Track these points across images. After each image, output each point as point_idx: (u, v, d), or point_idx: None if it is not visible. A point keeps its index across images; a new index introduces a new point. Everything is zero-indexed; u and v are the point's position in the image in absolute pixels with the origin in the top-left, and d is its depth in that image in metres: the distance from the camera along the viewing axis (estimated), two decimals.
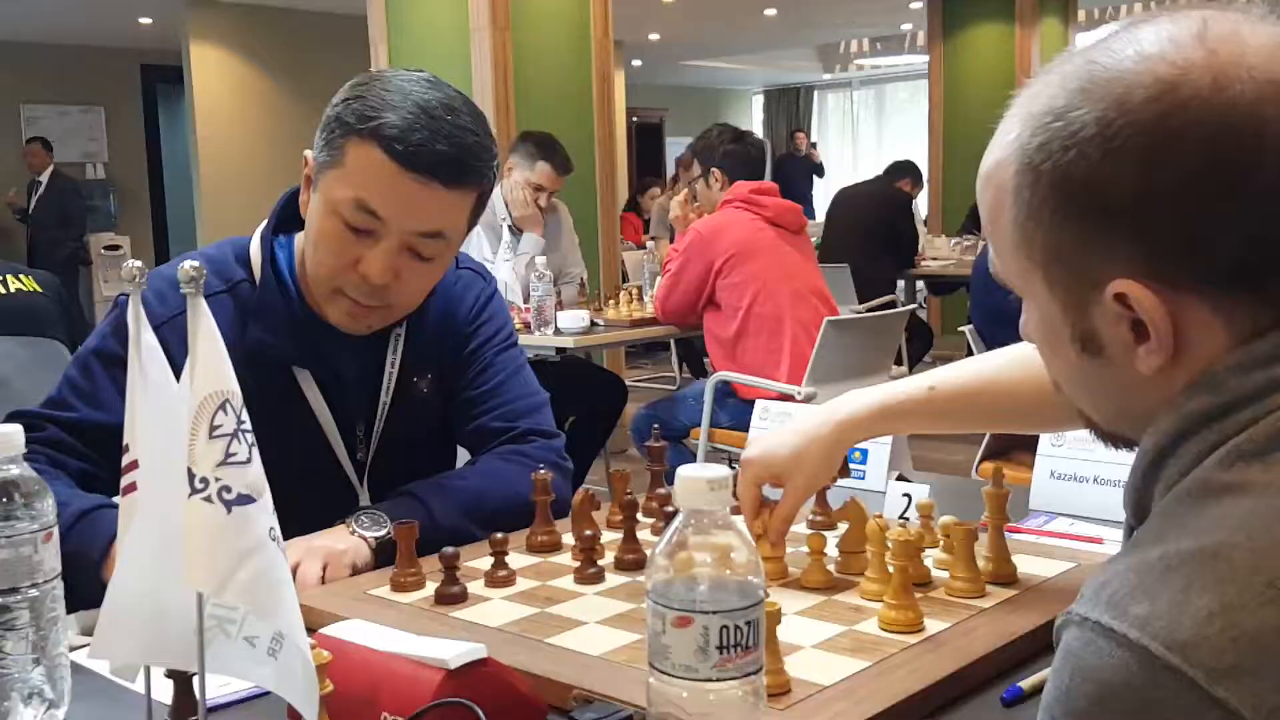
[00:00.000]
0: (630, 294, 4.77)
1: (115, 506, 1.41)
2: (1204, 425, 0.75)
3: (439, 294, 1.69)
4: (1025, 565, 1.35)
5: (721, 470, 0.84)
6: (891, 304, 6.44)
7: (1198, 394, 0.76)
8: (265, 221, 1.67)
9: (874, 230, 6.78)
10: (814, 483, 1.42)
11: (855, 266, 6.38)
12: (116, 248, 11.36)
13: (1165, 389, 0.79)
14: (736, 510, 1.36)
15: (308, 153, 1.58)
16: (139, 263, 0.88)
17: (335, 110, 1.53)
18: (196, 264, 0.83)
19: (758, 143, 4.65)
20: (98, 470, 1.54)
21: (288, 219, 1.66)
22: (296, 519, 1.44)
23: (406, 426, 1.70)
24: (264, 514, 0.85)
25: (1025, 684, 1.09)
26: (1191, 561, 0.67)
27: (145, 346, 0.89)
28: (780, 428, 1.45)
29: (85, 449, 1.54)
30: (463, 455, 1.82)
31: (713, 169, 4.40)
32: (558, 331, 4.25)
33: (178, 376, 1.48)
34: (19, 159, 11.23)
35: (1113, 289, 0.77)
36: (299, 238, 1.65)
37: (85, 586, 1.21)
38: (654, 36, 13.39)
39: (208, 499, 0.82)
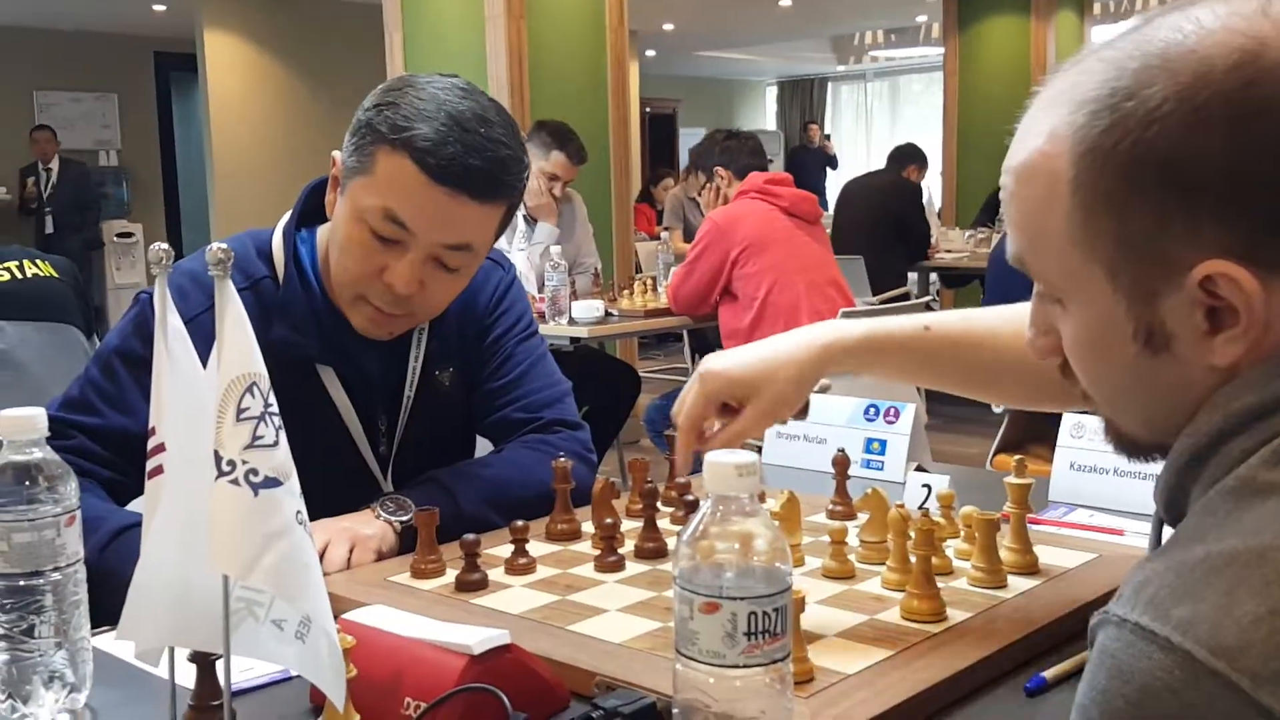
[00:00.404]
0: (645, 284, 4.76)
1: None
2: (1250, 423, 0.73)
3: None
4: (1046, 556, 1.35)
5: (749, 456, 0.83)
6: (905, 296, 6.42)
7: (1242, 393, 0.74)
8: (288, 215, 1.66)
9: (884, 223, 6.70)
10: (778, 407, 1.27)
11: (866, 260, 6.35)
12: (129, 235, 11.39)
13: (1211, 383, 0.77)
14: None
15: (336, 154, 1.56)
16: (166, 245, 0.87)
17: (366, 116, 1.50)
18: (225, 246, 0.83)
19: (753, 135, 4.66)
20: (124, 478, 1.52)
21: (310, 212, 1.65)
22: (321, 515, 1.45)
23: (430, 420, 1.69)
24: (291, 497, 0.85)
25: (1049, 674, 1.08)
26: (1236, 563, 0.66)
27: (171, 329, 0.89)
28: (750, 345, 1.31)
29: (112, 456, 1.53)
30: (482, 446, 1.82)
31: (716, 168, 4.39)
32: (572, 321, 4.25)
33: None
34: (31, 144, 11.27)
35: (1200, 272, 0.73)
36: (321, 231, 1.65)
37: (117, 604, 1.22)
38: (668, 26, 13.36)
39: (234, 482, 0.82)
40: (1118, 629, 0.68)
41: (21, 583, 1.05)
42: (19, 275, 2.40)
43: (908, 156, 7.54)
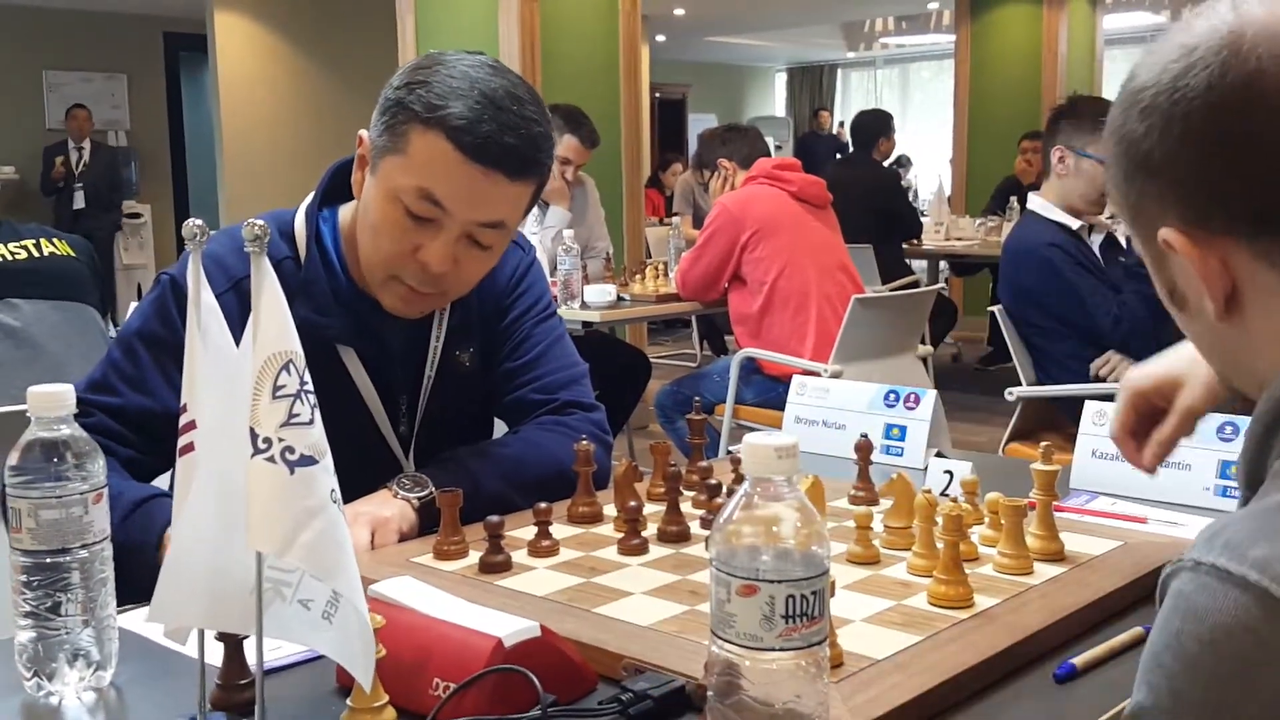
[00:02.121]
0: (656, 269, 4.75)
1: (168, 495, 1.41)
2: None
3: None
4: (1071, 543, 1.34)
5: (789, 438, 0.83)
6: (915, 284, 6.39)
7: None
8: (310, 197, 1.65)
9: (872, 218, 6.55)
10: (1209, 392, 1.21)
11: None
12: (137, 216, 11.38)
13: (1260, 346, 0.83)
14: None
15: (363, 132, 1.56)
16: (200, 222, 0.87)
17: (397, 94, 1.50)
18: (262, 223, 0.83)
19: (751, 126, 4.67)
20: (144, 457, 1.53)
21: (332, 192, 1.65)
22: (343, 493, 1.45)
23: (450, 400, 1.69)
24: (326, 475, 0.84)
25: (1078, 660, 1.08)
26: None
27: (205, 306, 0.89)
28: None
29: (132, 435, 1.53)
30: (499, 429, 1.82)
31: (720, 161, 4.38)
32: (584, 305, 4.24)
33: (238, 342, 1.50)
34: (42, 124, 11.24)
35: (1160, 237, 0.84)
36: (344, 211, 1.64)
37: (142, 577, 1.22)
38: (679, 11, 13.32)
39: (270, 459, 0.81)
40: (1192, 573, 0.69)
41: (48, 560, 1.04)
42: (36, 254, 2.39)
43: (873, 130, 7.13)
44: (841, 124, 15.64)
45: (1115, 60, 15.29)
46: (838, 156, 14.28)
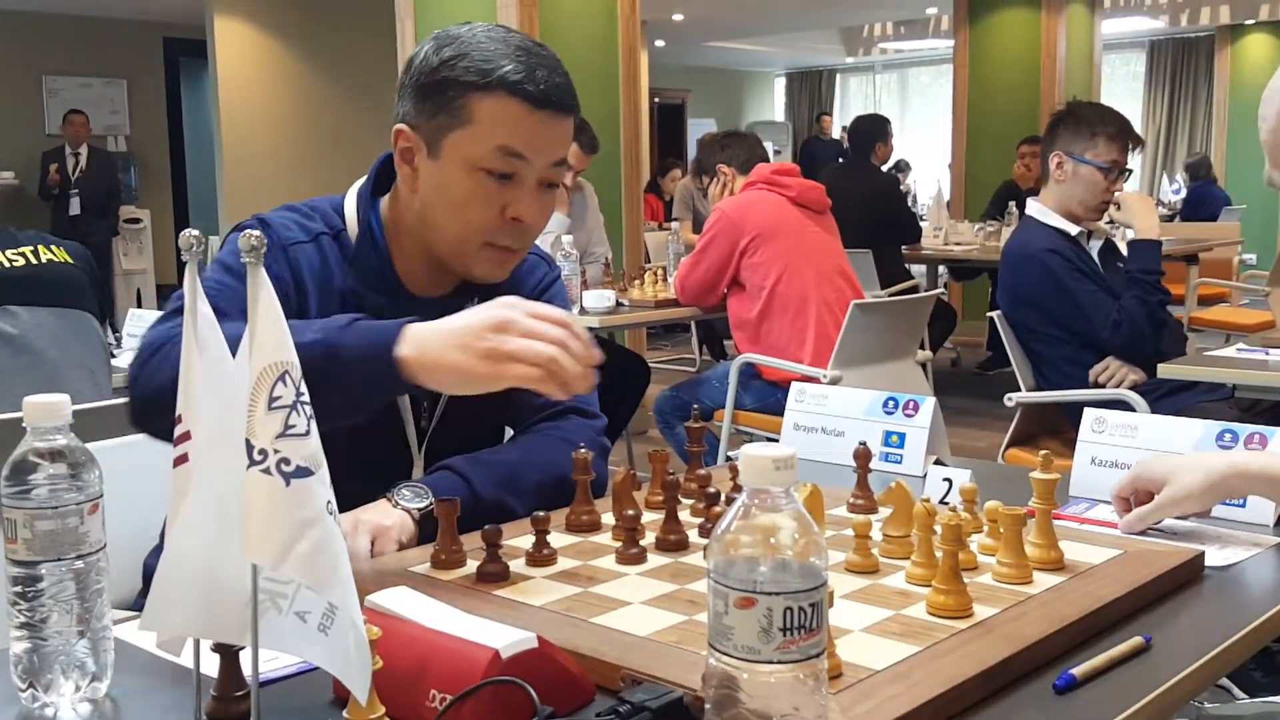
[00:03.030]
0: (655, 274, 4.75)
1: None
2: None
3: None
4: (1071, 552, 1.34)
5: (787, 449, 0.82)
6: (915, 289, 6.39)
7: None
8: (364, 180, 1.69)
9: (872, 226, 6.51)
10: (1183, 499, 1.48)
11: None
12: (137, 221, 11.38)
13: None
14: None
15: (401, 126, 1.60)
16: (196, 232, 0.87)
17: (439, 75, 1.55)
18: (258, 233, 0.82)
19: (749, 132, 4.67)
20: None
21: (379, 180, 1.69)
22: (355, 482, 1.46)
23: (470, 400, 1.70)
24: (322, 486, 0.84)
25: (1078, 671, 1.07)
26: None
27: (201, 316, 0.88)
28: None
29: None
30: (508, 434, 1.82)
31: (719, 166, 4.37)
32: (583, 311, 4.24)
33: (300, 299, 1.58)
34: (41, 129, 11.24)
35: None
36: (384, 203, 1.68)
37: (372, 384, 1.35)
38: (677, 16, 13.33)
39: (266, 471, 0.81)
40: None
41: (44, 570, 1.04)
42: (34, 260, 2.39)
43: (870, 135, 7.12)
44: (845, 129, 15.64)
45: (1113, 65, 15.33)
46: (840, 161, 14.30)
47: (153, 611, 0.91)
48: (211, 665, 1.01)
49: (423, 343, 1.35)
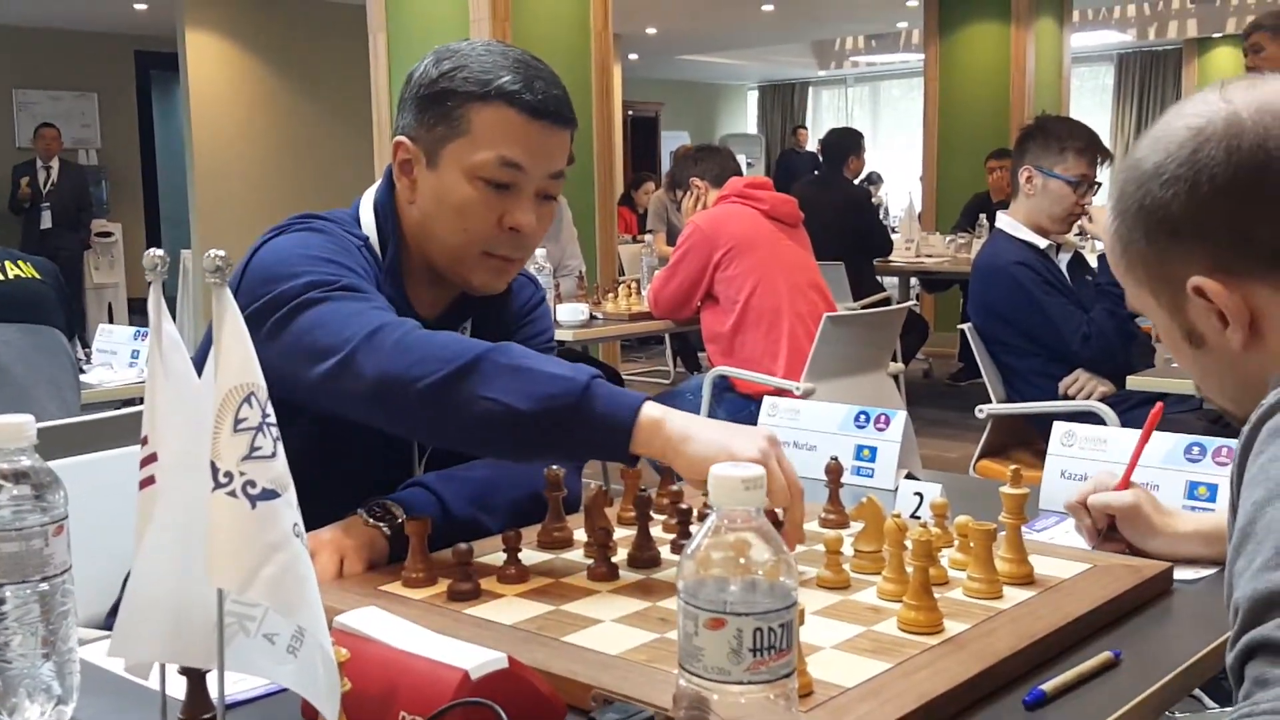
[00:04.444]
0: (629, 287, 4.75)
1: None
2: None
3: (501, 290, 1.72)
4: (1041, 566, 1.34)
5: (756, 469, 0.82)
6: (887, 301, 6.40)
7: None
8: (373, 189, 1.69)
9: (844, 239, 6.51)
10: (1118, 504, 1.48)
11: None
12: (108, 234, 11.28)
13: (1271, 365, 0.99)
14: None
15: (400, 138, 1.62)
16: (160, 252, 0.86)
17: (438, 86, 1.57)
18: (223, 254, 0.82)
19: (722, 146, 4.69)
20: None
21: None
22: (354, 488, 1.49)
23: None
24: (289, 509, 0.83)
25: (1047, 687, 1.08)
26: None
27: (166, 336, 0.88)
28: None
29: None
30: None
31: (692, 180, 4.38)
32: (557, 324, 4.23)
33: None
34: (12, 142, 11.16)
35: (1190, 285, 1.01)
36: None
37: (580, 437, 1.33)
38: (650, 30, 13.36)
39: (232, 494, 0.80)
40: None
41: (8, 593, 1.03)
42: (2, 277, 2.37)
43: (844, 148, 7.17)
44: (820, 142, 15.66)
45: (1082, 78, 15.45)
46: (815, 174, 14.32)
47: (120, 637, 0.90)
48: (178, 687, 1.00)
49: (672, 413, 1.33)
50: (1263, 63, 4.37)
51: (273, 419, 0.84)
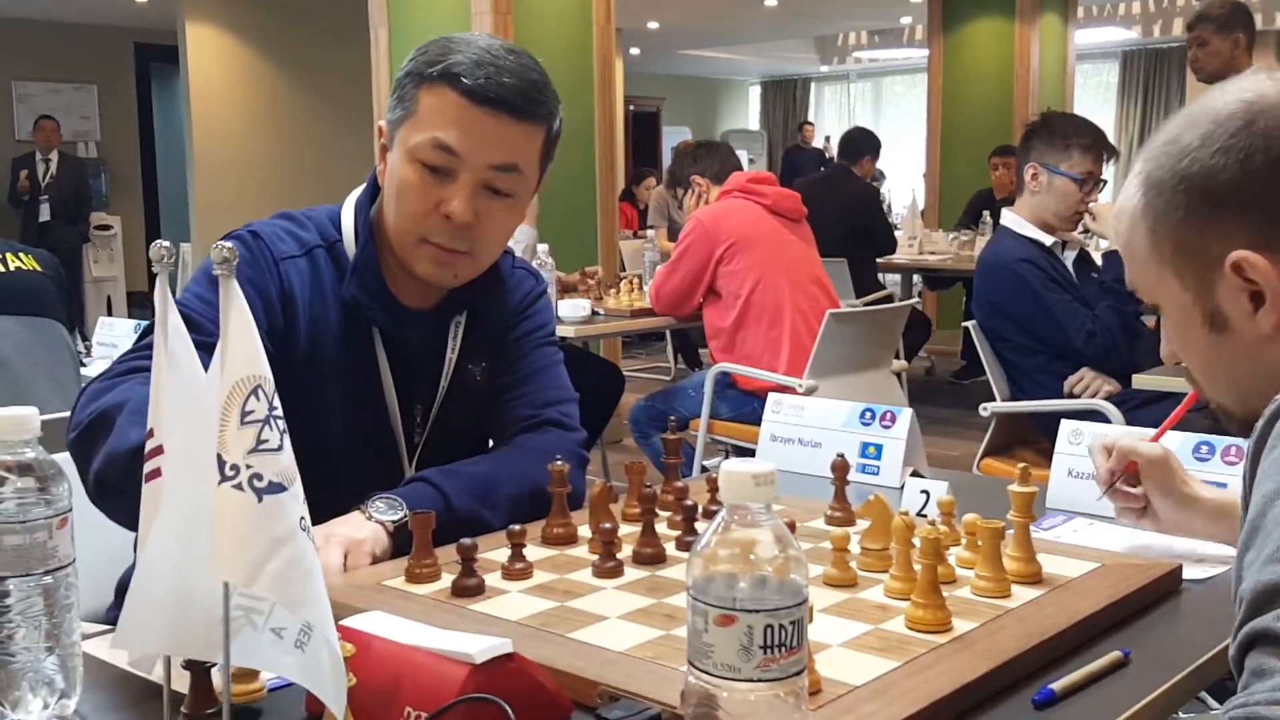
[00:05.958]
0: (631, 283, 4.74)
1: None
2: None
3: (497, 284, 1.73)
4: (1049, 565, 1.33)
5: (767, 465, 0.82)
6: (890, 298, 6.39)
7: None
8: (360, 189, 1.70)
9: (848, 235, 6.50)
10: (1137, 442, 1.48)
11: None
12: (108, 228, 11.28)
13: None
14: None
15: (381, 123, 1.64)
16: (167, 244, 0.85)
17: (405, 69, 1.58)
18: (230, 245, 0.81)
19: (721, 141, 4.66)
20: None
21: (373, 190, 1.69)
22: (348, 490, 1.48)
23: (460, 412, 1.72)
24: (295, 502, 0.82)
25: (1057, 686, 1.07)
26: None
27: (172, 328, 0.87)
28: None
29: None
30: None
31: (693, 177, 4.37)
32: (558, 320, 4.22)
33: (290, 313, 1.57)
34: (11, 135, 11.14)
35: (1230, 260, 0.99)
36: (374, 209, 1.68)
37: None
38: (652, 25, 13.34)
39: (238, 486, 0.80)
40: None
41: (11, 586, 1.02)
42: (2, 269, 2.36)
43: (862, 146, 7.24)
44: (828, 138, 15.64)
45: (1086, 75, 15.42)
46: (820, 170, 14.31)
47: (125, 630, 0.89)
48: (182, 681, 1.00)
49: None
50: (1206, 57, 4.34)
51: (279, 411, 0.83)
